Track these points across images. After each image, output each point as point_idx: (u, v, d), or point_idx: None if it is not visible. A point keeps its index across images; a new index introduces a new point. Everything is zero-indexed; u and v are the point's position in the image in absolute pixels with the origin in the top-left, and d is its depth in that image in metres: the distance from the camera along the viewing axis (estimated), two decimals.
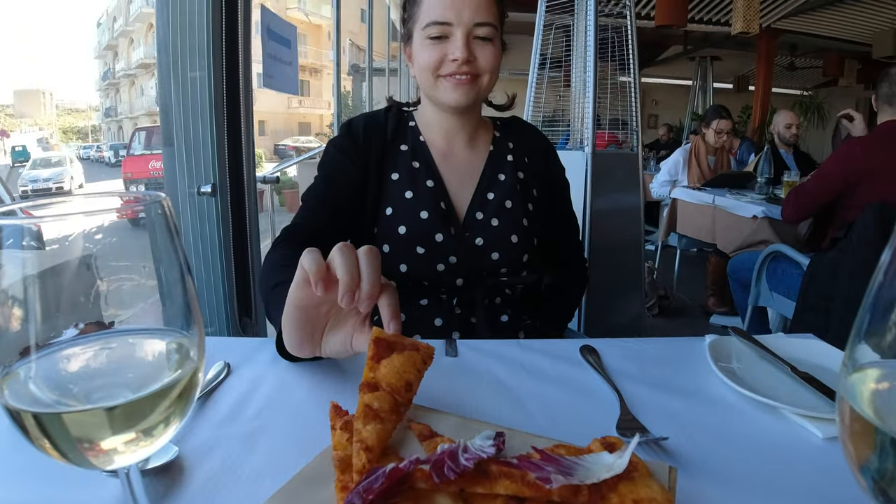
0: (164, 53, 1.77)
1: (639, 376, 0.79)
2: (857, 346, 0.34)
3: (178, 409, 0.35)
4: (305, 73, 36.57)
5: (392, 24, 7.67)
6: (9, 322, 0.33)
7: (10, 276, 0.33)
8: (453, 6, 1.03)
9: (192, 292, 0.36)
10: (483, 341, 0.90)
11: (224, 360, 0.81)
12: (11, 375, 0.34)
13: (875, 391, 0.34)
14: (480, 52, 1.05)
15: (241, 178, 1.90)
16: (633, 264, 2.82)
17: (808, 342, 0.91)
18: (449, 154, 1.15)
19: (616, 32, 2.91)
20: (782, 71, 11.17)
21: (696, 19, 8.00)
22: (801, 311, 2.30)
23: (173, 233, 0.35)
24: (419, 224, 1.05)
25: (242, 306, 1.99)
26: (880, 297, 0.33)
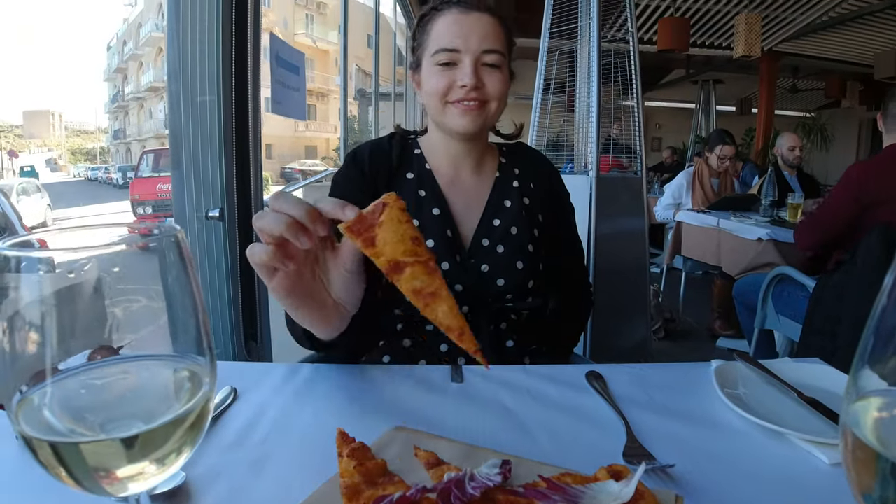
0: (174, 78, 1.79)
1: (645, 402, 0.79)
2: (860, 371, 0.34)
3: (191, 438, 0.36)
4: (312, 97, 37.02)
5: (398, 49, 7.79)
6: (19, 346, 0.34)
7: (21, 300, 0.34)
8: (462, 33, 1.06)
9: (206, 323, 0.37)
10: (489, 367, 0.90)
11: (231, 384, 0.81)
12: (26, 402, 0.34)
13: (878, 419, 0.34)
14: (488, 78, 1.07)
15: (248, 203, 1.91)
16: (638, 288, 2.82)
17: (813, 367, 0.91)
18: (455, 181, 1.16)
19: (619, 57, 2.95)
20: (785, 93, 11.24)
21: (698, 43, 8.08)
22: (808, 334, 2.29)
23: (188, 264, 0.36)
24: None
25: (249, 330, 1.99)
26: (884, 322, 0.33)
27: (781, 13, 6.80)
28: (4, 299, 0.34)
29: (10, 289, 0.34)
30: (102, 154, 73.98)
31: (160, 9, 42.62)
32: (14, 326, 0.34)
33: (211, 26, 1.76)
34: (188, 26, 1.76)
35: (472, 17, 1.07)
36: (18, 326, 0.34)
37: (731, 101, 12.04)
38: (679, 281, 4.26)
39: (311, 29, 38.50)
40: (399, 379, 0.86)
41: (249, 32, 1.85)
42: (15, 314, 0.34)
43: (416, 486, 0.47)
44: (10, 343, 0.34)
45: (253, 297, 1.99)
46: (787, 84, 10.83)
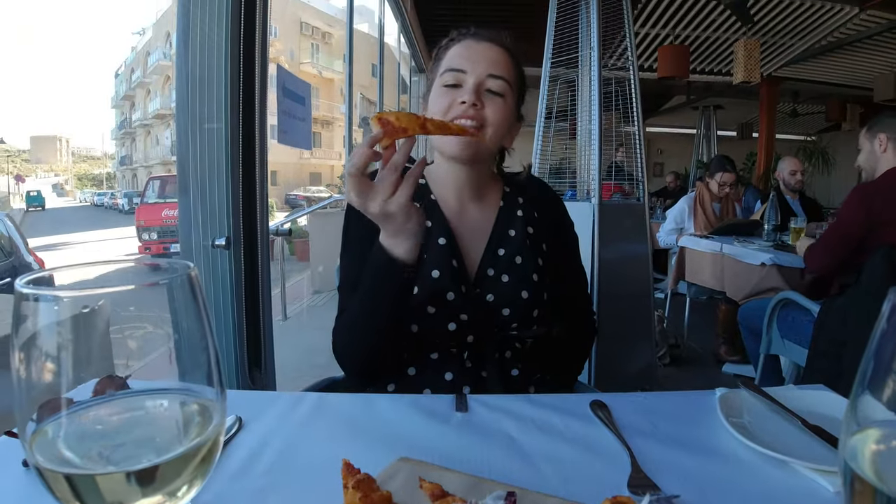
0: (182, 106, 1.82)
1: (649, 432, 0.79)
2: (860, 397, 0.35)
3: (202, 471, 0.37)
4: (317, 124, 37.48)
5: (401, 78, 7.90)
6: (34, 375, 0.35)
7: (35, 333, 0.35)
8: (470, 57, 1.09)
9: (217, 358, 0.38)
10: (493, 396, 0.91)
11: (236, 413, 0.82)
12: (40, 434, 0.35)
13: (876, 452, 0.35)
14: (490, 103, 1.08)
15: (254, 231, 1.93)
16: (642, 313, 2.82)
17: (817, 393, 0.91)
18: (460, 210, 1.17)
19: (619, 85, 3.00)
20: (785, 117, 11.30)
21: (698, 70, 8.17)
22: (813, 358, 2.27)
23: (200, 302, 0.37)
24: (430, 284, 1.06)
25: (253, 358, 1.99)
26: (883, 346, 0.34)
27: (780, 39, 6.89)
28: (20, 332, 0.35)
29: (26, 322, 0.35)
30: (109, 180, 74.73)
31: (168, 38, 43.54)
32: (30, 357, 0.35)
33: (219, 55, 1.79)
34: (197, 55, 1.79)
35: (483, 45, 1.11)
36: (34, 358, 0.35)
37: (731, 126, 12.12)
38: (683, 306, 4.25)
39: (316, 58, 39.17)
40: (403, 408, 0.86)
41: (257, 62, 1.88)
42: (30, 346, 0.35)
43: None
44: (26, 373, 0.35)
45: (257, 325, 2.00)
46: (788, 108, 10.90)
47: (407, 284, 0.97)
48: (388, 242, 0.93)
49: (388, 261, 0.93)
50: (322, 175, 40.87)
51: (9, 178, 55.17)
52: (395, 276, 0.94)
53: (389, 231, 0.91)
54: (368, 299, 0.99)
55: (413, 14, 6.09)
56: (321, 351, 4.29)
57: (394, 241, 0.92)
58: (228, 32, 1.77)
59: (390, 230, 0.91)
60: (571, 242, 1.28)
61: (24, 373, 0.35)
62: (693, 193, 4.41)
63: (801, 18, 6.21)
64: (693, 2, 5.97)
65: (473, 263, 1.13)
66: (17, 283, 0.35)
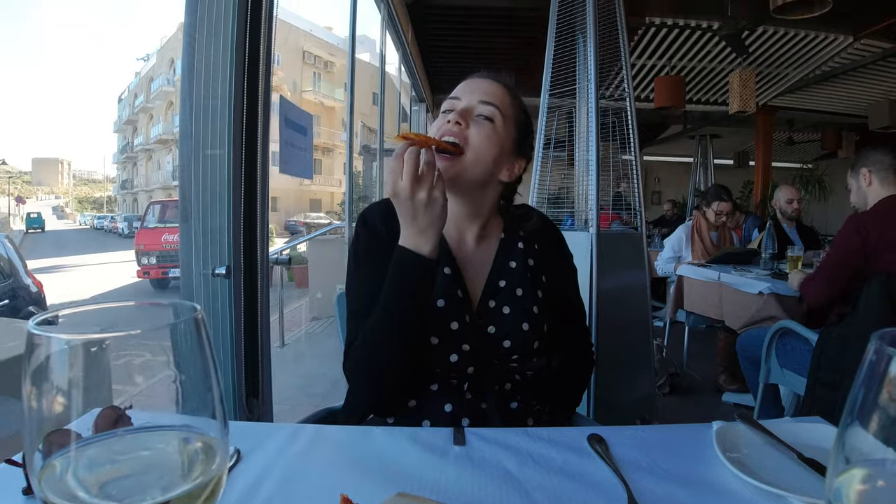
0: (186, 133, 1.83)
1: (647, 466, 0.79)
2: (850, 428, 0.36)
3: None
4: (318, 151, 37.83)
5: (402, 107, 8.00)
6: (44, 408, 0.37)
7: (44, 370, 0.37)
8: (467, 87, 1.15)
9: (221, 397, 0.39)
10: (491, 430, 0.91)
11: (234, 445, 0.82)
12: (49, 469, 0.36)
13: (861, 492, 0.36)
14: (476, 126, 1.10)
15: (255, 260, 1.94)
16: (641, 343, 2.81)
17: (814, 426, 0.91)
18: (462, 242, 1.18)
19: (616, 115, 3.04)
20: (781, 146, 11.40)
21: (694, 100, 8.28)
22: (813, 387, 2.27)
23: (206, 344, 0.38)
24: (435, 312, 1.07)
25: (250, 386, 1.99)
26: (873, 375, 0.35)
27: (775, 69, 7.00)
28: (30, 368, 0.37)
29: (35, 359, 0.37)
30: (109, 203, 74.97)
31: (172, 64, 44.14)
32: (39, 391, 0.37)
33: (224, 82, 1.81)
34: (201, 82, 1.81)
35: (481, 81, 1.16)
36: (43, 391, 0.37)
37: (728, 155, 12.23)
38: (683, 334, 4.24)
39: (318, 86, 39.69)
40: (402, 441, 0.87)
41: (260, 89, 1.91)
42: (38, 381, 0.37)
43: None
44: (35, 405, 0.37)
45: (256, 354, 2.00)
46: (784, 137, 11.01)
47: (430, 284, 1.02)
48: (416, 241, 0.99)
49: (413, 258, 0.99)
50: (322, 202, 41.05)
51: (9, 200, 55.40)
52: (419, 272, 1.00)
53: (423, 224, 0.98)
54: (394, 305, 1.01)
55: (414, 44, 6.20)
56: (318, 378, 4.30)
57: (423, 238, 0.99)
58: (233, 60, 1.80)
59: (424, 222, 0.98)
60: (570, 274, 1.30)
61: (32, 405, 0.37)
62: (690, 222, 4.44)
63: (795, 49, 6.32)
64: (689, 34, 6.08)
65: (475, 294, 1.14)
66: (29, 325, 0.37)
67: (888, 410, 0.34)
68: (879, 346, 0.34)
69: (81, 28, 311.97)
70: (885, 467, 0.34)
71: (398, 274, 1.01)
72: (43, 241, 31.56)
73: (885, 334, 0.34)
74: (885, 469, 0.35)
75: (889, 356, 0.33)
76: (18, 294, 4.61)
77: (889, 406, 0.34)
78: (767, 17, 4.45)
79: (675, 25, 5.80)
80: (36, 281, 5.07)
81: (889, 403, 0.34)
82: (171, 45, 45.00)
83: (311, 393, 3.98)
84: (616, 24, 3.01)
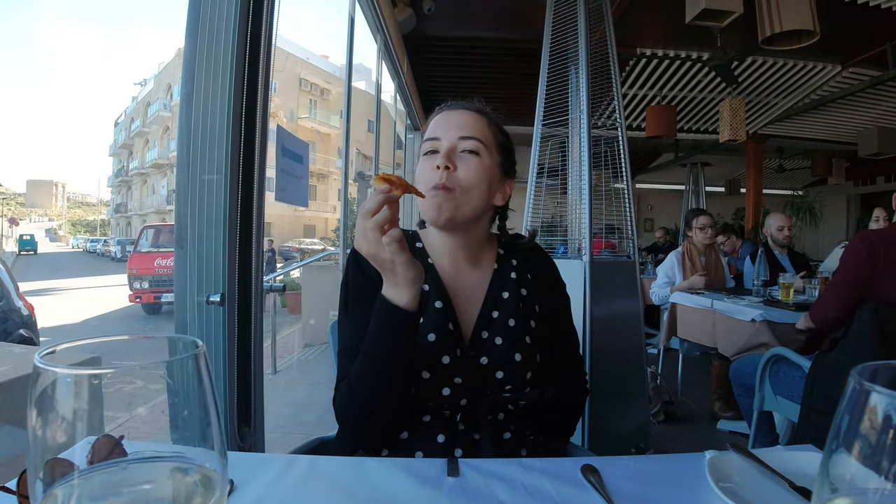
0: (183, 160, 1.84)
1: (640, 496, 0.79)
2: (835, 454, 0.37)
3: None
4: (313, 178, 37.95)
5: (397, 135, 8.08)
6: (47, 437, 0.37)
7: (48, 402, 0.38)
8: (443, 124, 1.15)
9: (221, 430, 0.40)
10: (484, 461, 0.91)
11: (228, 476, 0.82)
12: (50, 498, 0.37)
13: None
14: (463, 164, 1.11)
15: (249, 287, 1.93)
16: (635, 370, 2.81)
17: (806, 454, 0.92)
18: (455, 274, 1.18)
19: (608, 144, 3.09)
20: (772, 173, 11.56)
21: (685, 129, 8.41)
22: (806, 414, 2.27)
23: (206, 380, 0.39)
24: (426, 347, 1.07)
25: (242, 415, 1.97)
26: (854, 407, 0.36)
27: (765, 98, 7.13)
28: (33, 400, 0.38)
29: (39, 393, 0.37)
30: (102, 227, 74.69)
31: (169, 89, 44.47)
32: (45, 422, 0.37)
33: (222, 109, 1.82)
34: (200, 108, 1.83)
35: (455, 113, 1.17)
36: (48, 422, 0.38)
37: (720, 182, 12.38)
38: (677, 362, 4.24)
39: (314, 113, 40.03)
40: (395, 473, 0.87)
41: (258, 116, 1.92)
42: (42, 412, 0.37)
43: None
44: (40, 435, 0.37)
45: (248, 382, 1.98)
46: (774, 164, 11.17)
47: (412, 335, 1.00)
48: (389, 293, 0.98)
49: (393, 309, 0.97)
50: (316, 227, 41.07)
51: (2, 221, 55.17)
52: (399, 323, 0.98)
53: (391, 281, 0.97)
54: (374, 351, 1.01)
55: (409, 74, 6.29)
56: (311, 406, 4.26)
57: (395, 291, 0.97)
58: (231, 87, 1.82)
59: (396, 280, 0.96)
60: (564, 303, 1.30)
61: (37, 434, 0.38)
62: (681, 249, 4.47)
63: (784, 78, 6.46)
64: (679, 64, 6.20)
65: (468, 326, 1.14)
66: (35, 358, 0.37)
67: (869, 439, 0.36)
68: (858, 382, 0.35)
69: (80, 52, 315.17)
70: (867, 497, 0.35)
71: (378, 322, 1.00)
72: (35, 264, 31.36)
73: (864, 369, 0.35)
74: (868, 498, 0.36)
75: (867, 391, 0.34)
76: (10, 317, 4.56)
77: (870, 435, 0.35)
78: (756, 48, 4.56)
79: (665, 56, 5.92)
80: (27, 304, 5.02)
81: (870, 432, 0.35)
82: (168, 70, 45.42)
83: (303, 421, 3.94)
84: (608, 55, 3.08)
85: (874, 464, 0.35)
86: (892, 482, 0.34)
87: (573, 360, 1.29)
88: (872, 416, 0.35)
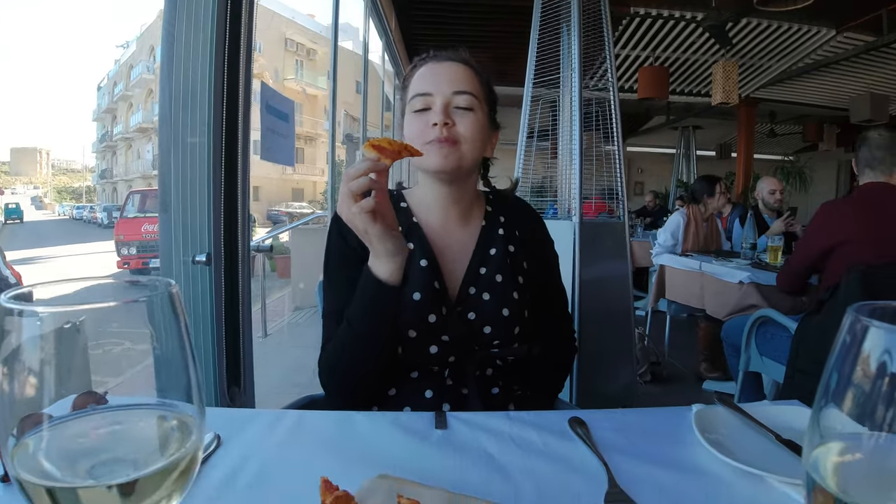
0: (165, 119, 1.80)
1: (627, 448, 0.80)
2: (824, 409, 0.36)
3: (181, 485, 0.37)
4: (300, 140, 37.40)
5: (385, 96, 7.95)
6: (15, 390, 0.35)
7: (17, 348, 0.35)
8: (433, 78, 1.11)
9: (197, 375, 0.38)
10: (473, 414, 0.91)
11: (214, 431, 0.81)
12: (21, 447, 0.35)
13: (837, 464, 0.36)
14: (460, 119, 1.09)
15: (235, 247, 1.91)
16: (623, 331, 2.84)
17: (792, 409, 0.93)
18: (442, 231, 1.17)
19: (600, 106, 3.05)
20: (763, 138, 11.54)
21: (678, 91, 8.35)
22: (792, 374, 2.30)
23: (181, 319, 0.38)
24: (412, 306, 1.06)
25: (232, 375, 1.97)
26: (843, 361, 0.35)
27: (758, 61, 7.07)
28: (2, 347, 0.36)
29: (8, 337, 0.36)
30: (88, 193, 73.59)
31: (152, 51, 43.34)
32: (12, 372, 0.36)
33: (203, 69, 1.78)
34: (181, 69, 1.79)
35: (443, 66, 1.13)
36: (16, 372, 0.36)
37: (711, 146, 12.36)
38: (664, 324, 4.29)
39: (300, 74, 39.23)
40: (383, 426, 0.87)
41: (241, 76, 1.88)
42: (12, 361, 0.36)
43: None
44: (8, 388, 0.36)
45: (237, 342, 1.98)
46: (766, 129, 11.14)
47: (396, 310, 0.99)
48: (373, 264, 0.97)
49: (374, 282, 0.96)
50: (304, 191, 40.70)
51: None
52: (380, 298, 0.97)
53: (372, 251, 0.95)
54: (357, 322, 1.01)
55: (397, 33, 6.16)
56: (302, 369, 4.28)
57: (377, 263, 0.96)
58: (213, 47, 1.77)
59: (371, 250, 0.95)
60: (552, 260, 1.30)
61: (5, 388, 0.35)
62: (684, 210, 4.40)
63: (778, 41, 6.38)
64: (673, 24, 6.11)
65: (455, 283, 1.13)
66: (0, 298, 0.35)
67: (862, 387, 0.34)
68: (855, 318, 0.34)
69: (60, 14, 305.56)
70: (860, 440, 0.35)
71: (361, 295, 1.00)
72: (21, 232, 31.00)
73: (862, 307, 0.34)
74: (861, 442, 0.35)
75: (865, 326, 0.33)
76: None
77: (862, 383, 0.34)
78: (751, 9, 4.48)
79: (659, 16, 5.82)
80: (14, 272, 4.99)
81: (863, 380, 0.34)
82: (151, 32, 44.15)
83: (294, 383, 3.96)
84: (600, 14, 3.02)
85: (869, 409, 0.33)
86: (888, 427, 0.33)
87: (561, 318, 1.30)
88: (870, 356, 0.33)
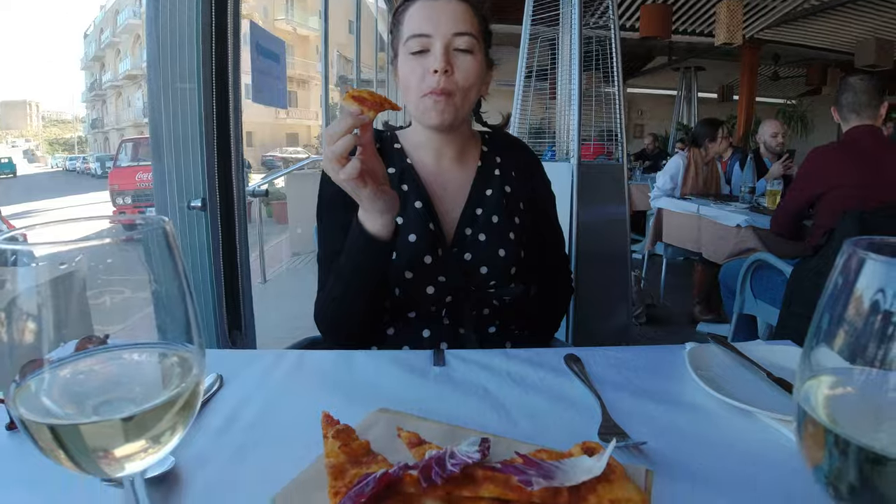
0: (153, 66, 1.76)
1: (621, 384, 0.82)
2: (816, 348, 0.36)
3: (184, 418, 0.38)
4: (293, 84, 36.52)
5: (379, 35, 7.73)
6: (14, 336, 0.35)
7: (12, 292, 0.35)
8: (432, 18, 1.05)
9: (194, 310, 0.38)
10: (470, 351, 0.93)
11: (216, 372, 0.83)
12: (23, 389, 0.36)
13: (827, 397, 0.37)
14: (460, 63, 1.05)
15: (230, 192, 1.91)
16: (620, 274, 2.86)
17: (785, 348, 0.94)
18: (437, 173, 1.16)
19: (600, 45, 2.97)
20: (766, 80, 11.31)
21: (680, 30, 8.12)
22: (786, 317, 2.33)
23: (175, 254, 0.38)
24: (407, 248, 1.06)
25: (232, 319, 2.00)
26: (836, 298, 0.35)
27: (763, 1, 6.85)
28: None
29: (4, 284, 0.35)
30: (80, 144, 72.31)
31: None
32: (10, 319, 0.35)
33: (190, 12, 1.73)
34: (167, 13, 1.74)
35: (442, 3, 1.06)
36: (13, 318, 0.35)
37: (712, 88, 12.12)
38: (660, 267, 4.32)
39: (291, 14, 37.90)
40: (383, 363, 0.88)
41: (229, 18, 1.83)
42: (10, 308, 0.35)
43: (399, 464, 0.49)
44: (7, 335, 0.35)
45: (236, 286, 1.99)
46: (769, 71, 10.91)
47: (386, 264, 0.99)
48: (362, 216, 0.95)
49: (366, 238, 0.94)
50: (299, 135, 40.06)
51: None
52: (370, 251, 0.96)
53: (366, 206, 0.93)
54: (348, 273, 1.00)
55: None
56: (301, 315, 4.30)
57: (367, 217, 0.94)
58: None
59: (366, 206, 0.92)
60: (548, 201, 1.29)
61: (4, 335, 0.35)
62: (685, 153, 4.35)
63: None
64: None
65: (451, 224, 1.13)
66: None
67: (854, 324, 0.33)
68: (852, 251, 0.34)
69: None
70: (851, 375, 0.35)
71: (351, 248, 0.98)
72: (15, 186, 30.62)
73: (859, 241, 0.34)
74: (852, 377, 0.35)
75: (861, 259, 0.33)
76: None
77: (855, 321, 0.33)
78: None
79: None
80: (11, 227, 4.99)
81: (855, 318, 0.33)
82: None
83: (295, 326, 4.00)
84: None
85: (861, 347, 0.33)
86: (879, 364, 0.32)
87: (558, 259, 1.30)
88: (865, 289, 0.33)
